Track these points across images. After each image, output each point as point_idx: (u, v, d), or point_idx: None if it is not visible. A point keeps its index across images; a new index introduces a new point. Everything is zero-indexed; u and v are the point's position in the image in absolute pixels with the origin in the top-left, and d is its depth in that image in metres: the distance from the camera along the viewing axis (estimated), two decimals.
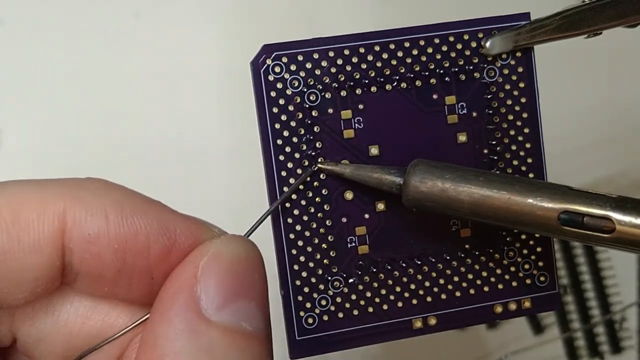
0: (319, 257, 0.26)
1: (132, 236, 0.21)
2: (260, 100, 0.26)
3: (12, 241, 0.20)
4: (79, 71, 0.42)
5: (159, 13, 0.43)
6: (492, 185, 0.23)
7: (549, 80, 0.29)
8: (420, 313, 0.27)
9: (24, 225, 0.20)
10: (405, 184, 0.24)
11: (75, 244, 0.21)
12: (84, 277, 0.22)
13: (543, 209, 0.23)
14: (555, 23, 0.26)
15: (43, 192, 0.21)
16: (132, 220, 0.21)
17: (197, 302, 0.21)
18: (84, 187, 0.21)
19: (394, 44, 0.26)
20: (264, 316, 0.22)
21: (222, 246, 0.22)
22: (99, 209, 0.21)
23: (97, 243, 0.21)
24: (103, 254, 0.21)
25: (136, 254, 0.21)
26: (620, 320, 0.44)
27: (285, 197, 0.26)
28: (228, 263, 0.21)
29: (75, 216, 0.21)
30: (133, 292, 0.22)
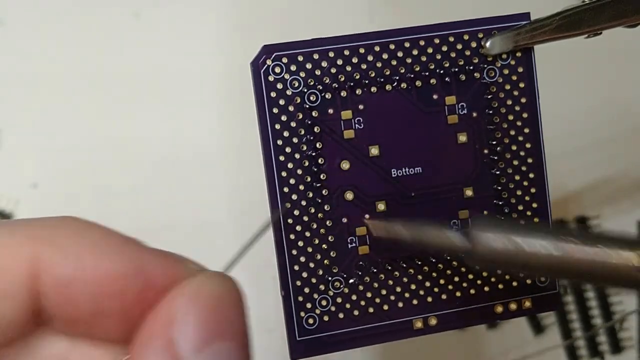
0: (319, 257, 0.26)
1: (107, 279, 0.21)
2: (260, 101, 0.26)
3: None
4: (79, 71, 0.42)
5: (159, 13, 0.43)
6: None
7: (549, 80, 0.29)
8: (420, 313, 0.27)
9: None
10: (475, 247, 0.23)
11: (49, 289, 0.20)
12: (59, 319, 0.21)
13: None
14: (555, 23, 0.26)
15: (14, 236, 0.20)
16: (107, 263, 0.21)
17: (173, 346, 0.20)
18: (57, 228, 0.21)
19: (394, 44, 0.26)
20: (245, 356, 0.21)
21: (198, 285, 0.21)
22: (72, 252, 0.20)
23: (72, 287, 0.20)
24: (78, 298, 0.21)
25: (111, 297, 0.21)
26: (620, 320, 0.44)
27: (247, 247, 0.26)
28: (204, 303, 0.21)
29: (48, 260, 0.20)
30: (111, 332, 0.22)
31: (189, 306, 0.20)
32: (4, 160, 0.42)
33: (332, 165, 0.26)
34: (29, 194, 0.42)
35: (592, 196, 0.44)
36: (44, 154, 0.42)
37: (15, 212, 0.42)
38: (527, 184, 0.28)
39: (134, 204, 0.41)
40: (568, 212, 0.44)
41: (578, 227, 0.25)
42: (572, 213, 0.44)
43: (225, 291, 0.21)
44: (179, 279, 0.21)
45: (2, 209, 0.42)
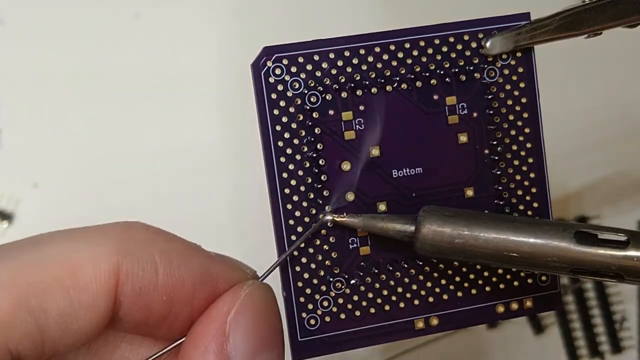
0: (320, 258, 0.26)
1: (179, 287, 0.22)
2: (261, 102, 0.26)
3: (73, 304, 0.20)
4: (79, 71, 0.42)
5: (159, 13, 0.43)
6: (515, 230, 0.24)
7: (549, 80, 0.29)
8: (422, 313, 0.27)
9: (82, 286, 0.21)
10: (417, 234, 0.25)
11: (127, 298, 0.21)
12: (129, 323, 0.22)
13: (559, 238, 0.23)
14: (556, 23, 0.26)
15: (95, 249, 0.21)
16: (180, 271, 0.22)
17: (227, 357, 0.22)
18: (131, 238, 0.22)
19: (395, 45, 0.26)
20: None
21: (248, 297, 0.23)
22: (149, 262, 0.22)
23: (147, 296, 0.22)
24: (152, 305, 0.22)
25: (182, 303, 0.22)
26: (620, 320, 0.44)
27: (296, 246, 0.26)
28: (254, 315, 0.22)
29: (127, 272, 0.21)
30: (173, 333, 0.23)
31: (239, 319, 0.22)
32: (4, 160, 0.42)
33: (333, 166, 0.26)
34: (29, 194, 0.42)
35: (592, 196, 0.44)
36: (44, 154, 0.42)
37: (16, 211, 0.42)
38: (527, 183, 0.28)
39: (134, 204, 0.41)
40: (568, 212, 0.44)
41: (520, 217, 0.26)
42: (572, 213, 0.44)
43: (270, 301, 0.23)
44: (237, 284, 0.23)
45: (2, 208, 0.42)
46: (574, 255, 0.23)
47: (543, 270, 0.24)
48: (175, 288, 0.22)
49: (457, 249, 0.24)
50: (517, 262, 0.24)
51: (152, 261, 0.22)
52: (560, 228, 0.23)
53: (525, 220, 0.24)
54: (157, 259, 0.22)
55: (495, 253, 0.24)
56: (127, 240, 0.22)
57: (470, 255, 0.24)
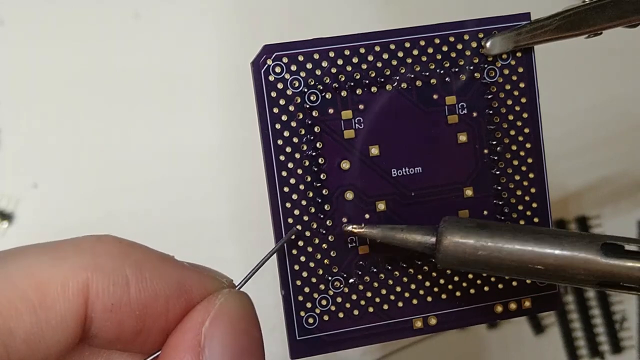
0: (319, 257, 0.26)
1: (152, 301, 0.21)
2: (260, 101, 0.26)
3: (41, 323, 0.20)
4: (78, 71, 0.42)
5: (159, 13, 0.43)
6: (540, 241, 0.23)
7: (549, 80, 0.29)
8: (420, 313, 0.27)
9: (50, 305, 0.20)
10: (439, 245, 0.24)
11: (98, 314, 0.21)
12: (101, 339, 0.22)
13: None
14: (556, 23, 0.26)
15: (63, 265, 0.21)
16: (152, 285, 0.21)
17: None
18: (101, 252, 0.21)
19: (395, 45, 0.26)
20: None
21: (223, 306, 0.22)
22: (120, 277, 0.21)
23: (119, 311, 0.21)
24: (124, 321, 0.21)
25: (156, 317, 0.22)
26: (620, 320, 0.44)
27: (270, 255, 0.26)
28: (230, 324, 0.22)
29: (97, 288, 0.21)
30: (148, 346, 0.22)
31: (215, 329, 0.21)
32: (4, 160, 0.42)
33: (332, 165, 0.26)
34: (29, 194, 0.42)
35: (592, 196, 0.44)
36: (44, 154, 0.42)
37: (16, 211, 0.42)
38: (527, 183, 0.28)
39: (134, 204, 0.41)
40: (568, 212, 0.44)
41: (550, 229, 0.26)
42: (572, 213, 0.44)
43: (246, 309, 0.23)
44: (213, 292, 0.23)
45: (2, 208, 0.42)
46: (601, 267, 0.22)
47: (569, 284, 0.23)
48: (148, 302, 0.21)
49: (480, 261, 0.24)
50: (542, 275, 0.23)
51: (123, 275, 0.21)
52: (586, 240, 0.23)
53: (549, 231, 0.24)
54: (128, 273, 0.21)
55: (519, 265, 0.23)
56: (97, 255, 0.21)
57: (494, 267, 0.24)
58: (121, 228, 0.41)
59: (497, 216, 0.27)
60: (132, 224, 0.41)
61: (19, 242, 0.41)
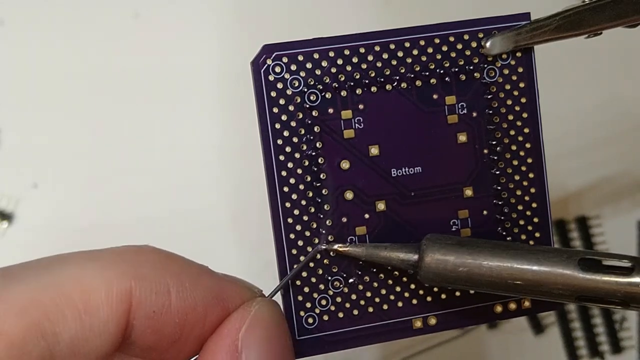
0: (319, 256, 0.26)
1: (191, 309, 0.22)
2: (260, 100, 0.26)
3: (85, 328, 0.20)
4: (78, 71, 0.42)
5: (159, 13, 0.43)
6: (518, 257, 0.24)
7: (549, 80, 0.29)
8: (420, 313, 0.27)
9: (94, 311, 0.21)
10: (421, 262, 0.25)
11: (139, 321, 0.21)
12: (140, 346, 0.22)
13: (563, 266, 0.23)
14: (556, 23, 0.26)
15: (108, 273, 0.21)
16: (192, 294, 0.22)
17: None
18: (143, 262, 0.22)
19: (395, 44, 0.26)
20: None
21: (258, 313, 0.23)
22: (162, 285, 0.22)
23: (160, 319, 0.22)
24: (164, 328, 0.22)
25: (193, 325, 0.22)
26: (620, 320, 0.44)
27: (295, 273, 0.26)
28: (265, 330, 0.23)
29: (139, 295, 0.21)
30: (182, 356, 0.23)
31: (250, 337, 0.22)
32: (4, 160, 0.42)
33: (332, 164, 0.26)
34: (29, 194, 0.42)
35: (592, 196, 0.44)
36: (44, 154, 0.42)
37: (16, 211, 0.42)
38: (526, 183, 0.28)
39: (134, 204, 0.41)
40: (568, 212, 0.44)
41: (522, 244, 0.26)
42: (572, 213, 0.44)
43: (279, 317, 0.24)
44: (246, 303, 0.23)
45: (2, 208, 0.42)
46: (579, 282, 0.23)
47: (547, 298, 0.24)
48: (188, 310, 0.22)
49: (461, 277, 0.24)
50: (521, 290, 0.24)
51: (165, 284, 0.22)
52: (564, 255, 0.23)
53: (528, 247, 0.24)
54: (169, 282, 0.22)
55: (499, 281, 0.24)
56: (139, 264, 0.22)
57: (475, 283, 0.24)
58: (121, 228, 0.41)
59: (497, 216, 0.27)
60: (131, 224, 0.41)
61: (19, 242, 0.41)
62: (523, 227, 0.28)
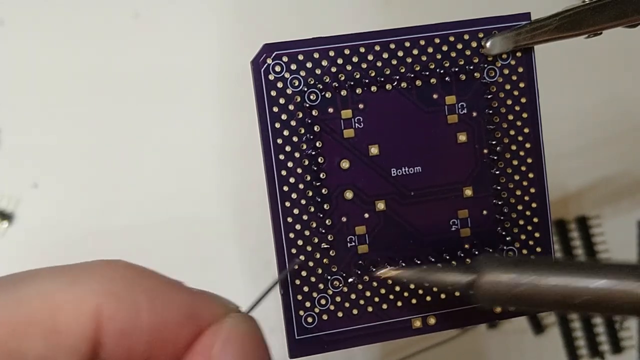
0: (318, 256, 0.26)
1: (163, 327, 0.21)
2: (260, 100, 0.26)
3: (52, 347, 0.20)
4: (78, 71, 0.42)
5: (159, 13, 0.43)
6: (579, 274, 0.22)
7: (549, 80, 0.29)
8: (419, 312, 0.27)
9: (62, 329, 0.20)
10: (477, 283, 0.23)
11: (109, 339, 0.21)
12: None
13: None
14: (556, 23, 0.26)
15: (76, 289, 0.21)
16: (163, 311, 0.21)
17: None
18: (114, 278, 0.21)
19: (395, 44, 0.26)
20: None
21: (232, 329, 0.22)
22: (132, 303, 0.21)
23: (130, 337, 0.21)
24: (135, 346, 0.21)
25: (166, 343, 0.22)
26: (620, 320, 0.44)
27: (272, 286, 0.26)
28: (240, 347, 0.22)
29: (109, 312, 0.21)
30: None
31: (226, 348, 0.22)
32: (4, 160, 0.42)
33: (332, 164, 0.26)
34: (29, 194, 0.42)
35: (592, 196, 0.44)
36: (44, 154, 0.42)
37: (16, 211, 0.42)
38: (526, 183, 0.28)
39: (134, 203, 0.41)
40: (568, 212, 0.44)
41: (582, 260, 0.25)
42: (572, 213, 0.44)
43: (255, 332, 0.23)
44: (220, 319, 0.23)
45: (2, 208, 0.42)
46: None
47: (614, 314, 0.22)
48: (159, 328, 0.21)
49: (519, 297, 0.23)
50: (585, 307, 0.22)
51: (135, 301, 0.21)
52: (627, 269, 0.22)
53: (589, 263, 0.23)
54: (140, 299, 0.21)
55: (561, 300, 0.22)
56: (109, 280, 0.21)
57: (535, 303, 0.23)
58: (121, 227, 0.41)
59: (497, 216, 0.27)
60: (132, 224, 0.41)
61: (19, 242, 0.41)
62: (523, 227, 0.28)
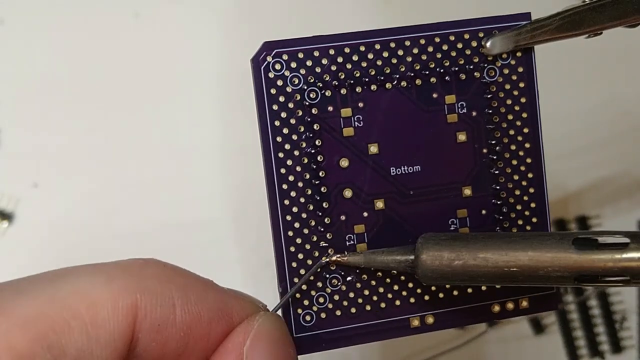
0: (317, 254, 0.26)
1: (196, 322, 0.22)
2: (260, 98, 0.26)
3: (91, 341, 0.21)
4: (78, 71, 0.42)
5: (159, 13, 0.43)
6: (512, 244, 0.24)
7: (549, 80, 0.29)
8: (417, 311, 0.27)
9: (100, 323, 0.21)
10: (417, 261, 0.25)
11: (144, 334, 0.22)
12: (145, 358, 0.22)
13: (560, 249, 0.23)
14: (556, 23, 0.26)
15: (113, 285, 0.21)
16: (197, 307, 0.22)
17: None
18: (148, 275, 0.22)
19: (395, 43, 0.26)
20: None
21: (262, 327, 0.23)
22: (167, 299, 0.22)
23: (165, 332, 0.22)
24: (169, 342, 0.22)
25: (198, 339, 0.23)
26: (620, 320, 0.44)
27: (297, 288, 0.26)
28: (269, 344, 0.23)
29: (145, 308, 0.22)
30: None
31: (256, 345, 0.23)
32: (4, 160, 0.42)
33: (331, 162, 0.26)
34: (29, 194, 0.42)
35: (592, 196, 0.44)
36: (44, 154, 0.42)
37: (16, 211, 0.42)
38: (525, 183, 0.27)
39: (134, 203, 0.41)
40: (568, 212, 0.44)
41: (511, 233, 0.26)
42: (572, 213, 0.44)
43: (283, 330, 0.24)
44: (250, 317, 0.24)
45: (2, 208, 0.42)
46: (575, 262, 0.22)
47: (546, 283, 0.23)
48: (193, 324, 0.22)
49: (457, 271, 0.24)
50: (519, 277, 0.23)
51: (170, 297, 0.22)
52: (557, 237, 0.23)
53: (521, 234, 0.24)
54: (174, 296, 0.22)
55: (496, 271, 0.23)
56: (144, 277, 0.22)
57: (473, 275, 0.24)
58: (121, 227, 0.41)
59: (496, 216, 0.27)
60: (132, 224, 0.41)
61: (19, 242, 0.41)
62: (522, 227, 0.28)
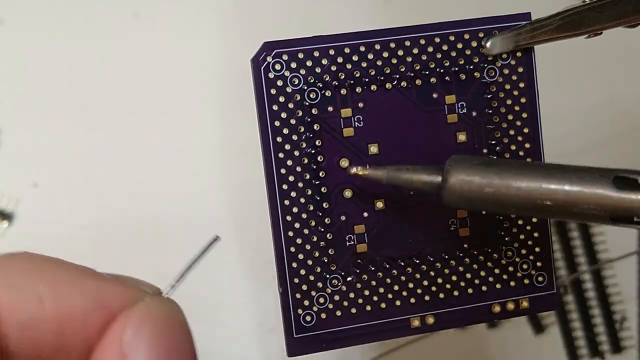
0: (317, 255, 0.26)
1: (68, 315, 0.21)
2: (260, 98, 0.26)
3: None
4: (78, 71, 0.42)
5: (159, 13, 0.43)
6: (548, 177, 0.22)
7: (549, 80, 0.29)
8: (418, 312, 0.27)
9: None
10: (445, 184, 0.23)
11: (12, 331, 0.20)
12: (22, 357, 0.21)
13: None
14: (556, 23, 0.26)
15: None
16: (67, 299, 0.21)
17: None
18: (14, 269, 0.21)
19: (395, 43, 0.26)
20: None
21: (144, 314, 0.21)
22: (32, 293, 0.21)
23: (34, 327, 0.21)
24: (41, 337, 0.21)
25: (74, 331, 0.21)
26: (620, 320, 0.44)
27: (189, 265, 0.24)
28: (153, 331, 0.21)
29: (10, 305, 0.20)
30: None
31: (137, 333, 0.21)
32: (4, 160, 0.42)
33: (331, 162, 0.26)
34: (29, 194, 0.42)
35: None
36: (44, 154, 0.42)
37: (16, 211, 0.42)
38: None
39: (134, 203, 0.41)
40: None
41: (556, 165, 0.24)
42: None
43: (172, 315, 0.22)
44: (133, 304, 0.22)
45: (2, 208, 0.42)
46: (613, 201, 0.21)
47: (580, 220, 0.22)
48: (65, 317, 0.21)
49: (487, 199, 0.23)
50: (551, 211, 0.22)
51: (36, 292, 0.21)
52: (597, 173, 0.22)
53: (558, 166, 0.23)
54: (41, 289, 0.21)
55: (528, 202, 0.22)
56: (8, 273, 0.21)
57: (502, 205, 0.23)
58: (121, 227, 0.41)
59: (495, 216, 0.27)
60: (131, 223, 0.41)
61: (19, 242, 0.41)
62: (522, 226, 0.28)
